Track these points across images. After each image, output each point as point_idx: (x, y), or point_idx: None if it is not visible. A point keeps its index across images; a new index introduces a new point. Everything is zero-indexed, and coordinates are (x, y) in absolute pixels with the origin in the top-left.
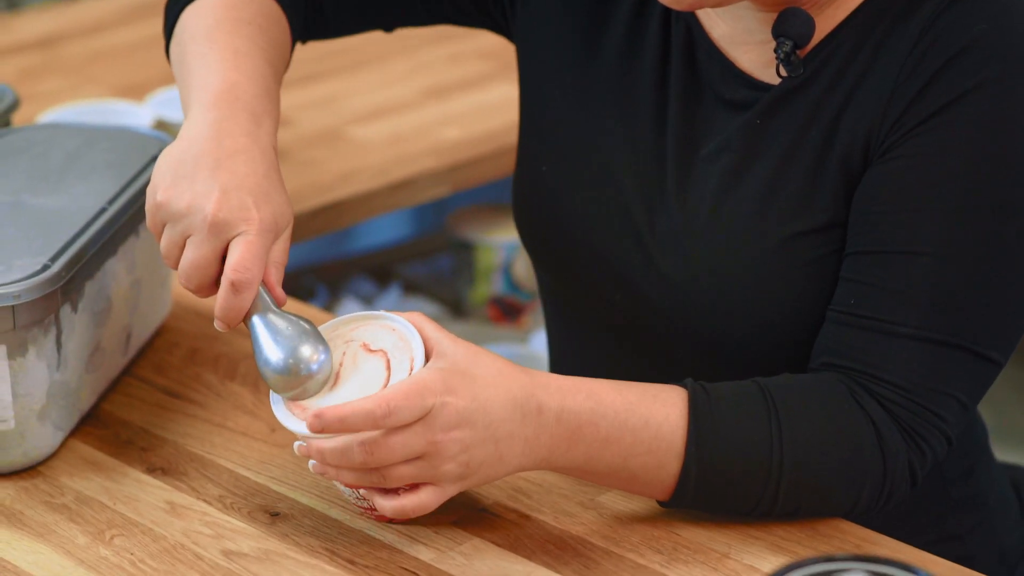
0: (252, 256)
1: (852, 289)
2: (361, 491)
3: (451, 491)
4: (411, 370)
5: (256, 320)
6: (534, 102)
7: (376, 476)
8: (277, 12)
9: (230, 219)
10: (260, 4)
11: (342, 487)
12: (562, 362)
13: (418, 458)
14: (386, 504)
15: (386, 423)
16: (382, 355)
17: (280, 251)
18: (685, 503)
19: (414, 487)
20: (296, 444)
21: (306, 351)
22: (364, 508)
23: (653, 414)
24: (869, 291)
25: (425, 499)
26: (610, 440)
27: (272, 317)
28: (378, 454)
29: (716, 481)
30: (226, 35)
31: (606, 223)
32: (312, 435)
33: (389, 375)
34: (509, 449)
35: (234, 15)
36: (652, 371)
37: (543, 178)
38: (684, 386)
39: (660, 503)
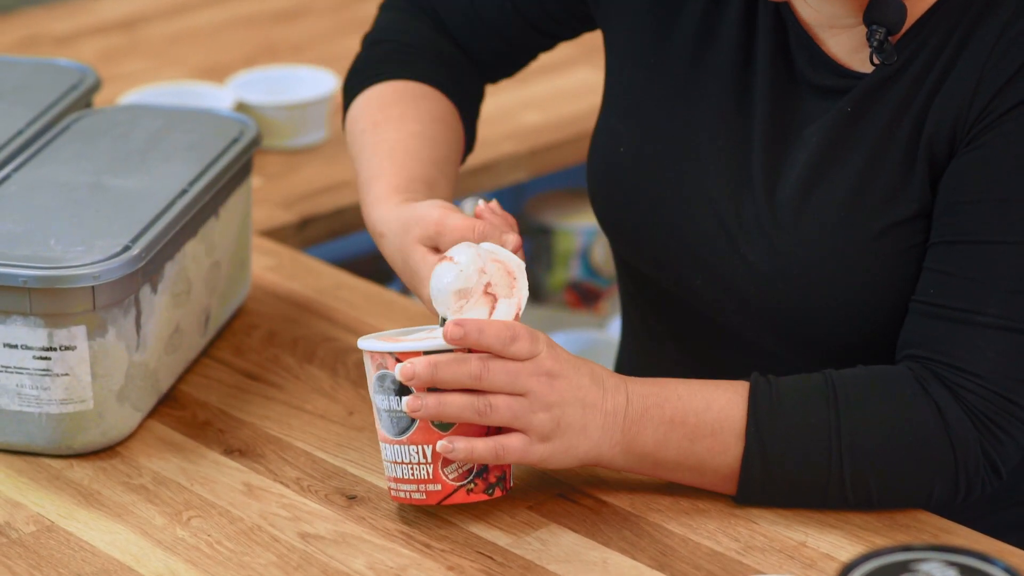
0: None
1: (934, 279)
2: (429, 453)
3: (536, 451)
4: (516, 315)
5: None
6: (615, 82)
7: (481, 402)
8: (429, 92)
9: None
10: (413, 90)
11: (390, 460)
12: (635, 345)
13: (521, 395)
14: (478, 444)
15: (509, 350)
16: (491, 298)
17: (456, 229)
18: (754, 491)
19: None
20: (399, 367)
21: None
22: (417, 483)
23: (716, 398)
24: (950, 281)
25: (514, 443)
26: (675, 421)
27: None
28: (493, 371)
29: (780, 465)
30: (381, 143)
31: (687, 206)
32: (428, 348)
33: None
34: (592, 419)
35: (391, 114)
36: (729, 357)
37: (621, 159)
38: (748, 379)
39: (734, 499)
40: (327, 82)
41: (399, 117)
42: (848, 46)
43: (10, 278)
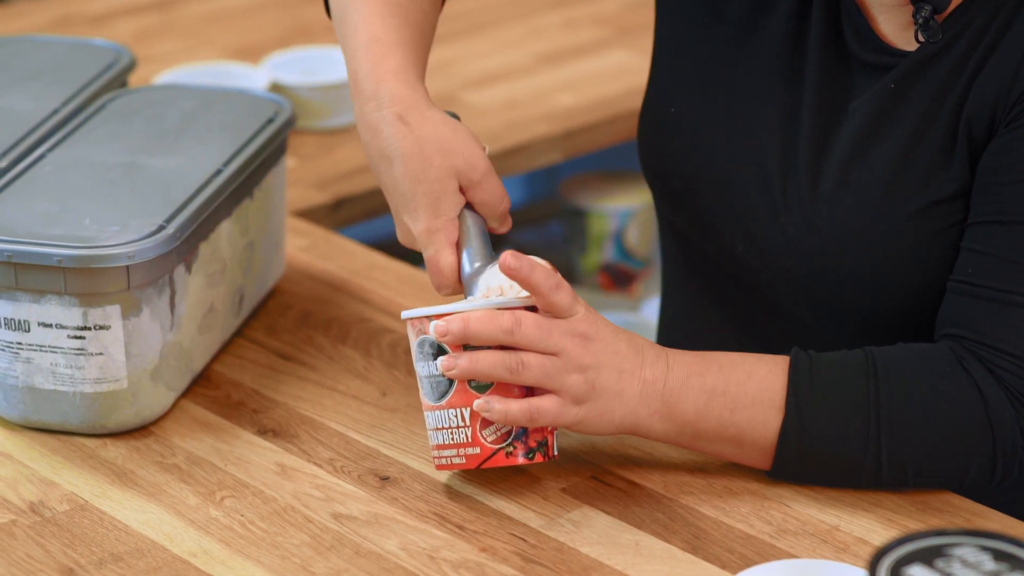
0: (439, 271)
1: (970, 259)
2: (467, 416)
3: (570, 413)
4: None
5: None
6: (668, 43)
7: (513, 359)
8: None
9: (428, 238)
10: None
11: (432, 428)
12: (674, 311)
13: (553, 355)
14: (512, 406)
15: (552, 296)
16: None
17: (490, 192)
18: (789, 466)
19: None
20: (433, 324)
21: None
22: (456, 447)
23: (756, 369)
24: (987, 260)
25: (546, 405)
26: (716, 391)
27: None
28: (525, 326)
29: (817, 438)
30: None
31: (736, 172)
32: (457, 310)
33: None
34: (629, 385)
35: None
36: (766, 324)
37: (673, 119)
38: (787, 351)
39: (768, 474)
40: None
41: None
42: (896, 24)
43: (45, 257)
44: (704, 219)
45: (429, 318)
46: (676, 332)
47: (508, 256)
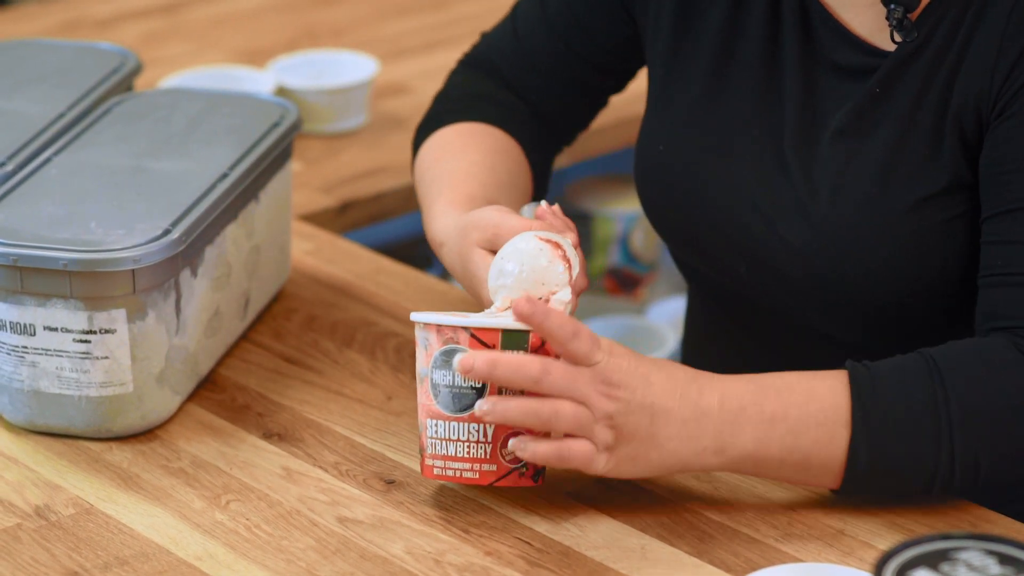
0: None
1: (996, 251)
2: (489, 433)
3: (600, 461)
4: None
5: None
6: (652, 79)
7: (547, 409)
8: (490, 129)
9: None
10: (474, 128)
11: (441, 438)
12: (695, 335)
13: (581, 402)
14: (541, 448)
15: (569, 344)
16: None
17: (511, 233)
18: (860, 481)
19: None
20: (458, 357)
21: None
22: (472, 461)
23: (815, 388)
24: (1013, 249)
25: (577, 448)
26: (776, 418)
27: None
28: (553, 375)
29: (888, 448)
30: (441, 172)
31: (725, 199)
32: (506, 326)
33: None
34: (664, 427)
35: (451, 149)
36: (785, 340)
37: (660, 158)
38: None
39: (837, 492)
40: (368, 67)
41: (459, 149)
42: (872, 24)
43: (51, 261)
44: (706, 249)
45: (467, 330)
46: (699, 355)
47: (522, 303)
